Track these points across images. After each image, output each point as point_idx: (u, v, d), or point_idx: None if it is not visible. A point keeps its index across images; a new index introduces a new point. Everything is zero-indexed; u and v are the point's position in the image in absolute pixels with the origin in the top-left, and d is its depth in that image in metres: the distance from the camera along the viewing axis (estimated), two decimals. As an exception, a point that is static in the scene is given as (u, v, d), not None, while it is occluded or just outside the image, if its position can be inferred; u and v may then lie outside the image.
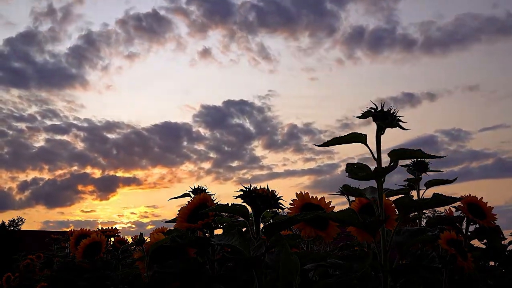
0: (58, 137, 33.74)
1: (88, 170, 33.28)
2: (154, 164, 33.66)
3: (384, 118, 1.23)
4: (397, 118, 1.24)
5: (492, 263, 1.92)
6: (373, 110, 1.24)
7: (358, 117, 1.26)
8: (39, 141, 33.56)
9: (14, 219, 23.31)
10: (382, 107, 1.23)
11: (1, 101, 32.52)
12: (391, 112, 1.23)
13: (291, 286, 1.25)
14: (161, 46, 34.32)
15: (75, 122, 33.84)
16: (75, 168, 32.88)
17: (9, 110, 32.53)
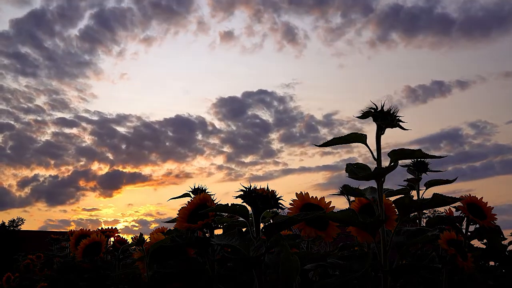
0: (67, 130, 31.52)
1: (95, 166, 31.26)
2: (163, 159, 31.69)
3: (384, 118, 1.23)
4: (397, 118, 1.24)
5: (492, 263, 1.92)
6: (373, 110, 1.24)
7: (358, 117, 1.26)
8: (46, 134, 31.05)
9: (14, 219, 23.31)
10: (382, 107, 1.23)
11: (8, 90, 30.12)
12: (391, 112, 1.23)
13: (291, 286, 1.25)
14: (180, 28, 30.77)
15: (84, 114, 31.45)
16: (81, 163, 30.80)
17: (16, 100, 30.43)
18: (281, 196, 1.32)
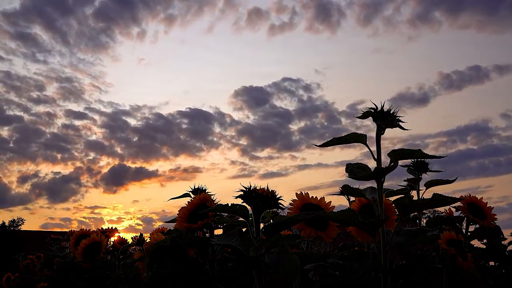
0: (77, 122, 29.85)
1: (103, 161, 29.55)
2: (175, 153, 29.99)
3: (384, 118, 1.23)
4: (397, 118, 1.24)
5: (492, 263, 1.92)
6: (373, 110, 1.24)
7: (358, 117, 1.26)
8: (55, 127, 29.27)
9: (14, 219, 23.29)
10: (382, 107, 1.24)
11: (16, 78, 27.76)
12: (391, 112, 1.23)
13: (291, 286, 1.25)
14: (205, 8, 28.66)
15: (96, 106, 29.61)
16: (88, 158, 28.98)
17: (24, 89, 28.25)
18: (281, 196, 1.32)
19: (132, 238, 2.12)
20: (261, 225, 1.32)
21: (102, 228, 2.77)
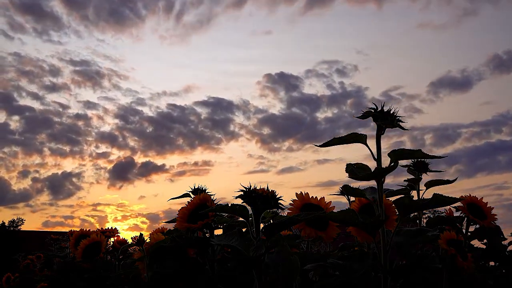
0: (89, 112, 27.62)
1: (113, 155, 27.74)
2: (191, 146, 27.69)
3: (384, 118, 1.23)
4: (397, 118, 1.24)
5: (492, 263, 1.92)
6: (373, 110, 1.24)
7: (358, 117, 1.26)
8: (66, 117, 26.78)
9: (14, 219, 23.26)
10: (382, 107, 1.24)
11: (28, 62, 25.68)
12: (391, 112, 1.23)
13: (291, 286, 1.25)
14: None
15: (111, 94, 27.92)
16: (97, 151, 27.31)
17: (37, 74, 25.86)
18: (281, 196, 1.32)
19: (132, 238, 2.12)
20: (261, 225, 1.32)
21: (102, 228, 2.77)
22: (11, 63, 25.72)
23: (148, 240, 1.87)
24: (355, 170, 1.30)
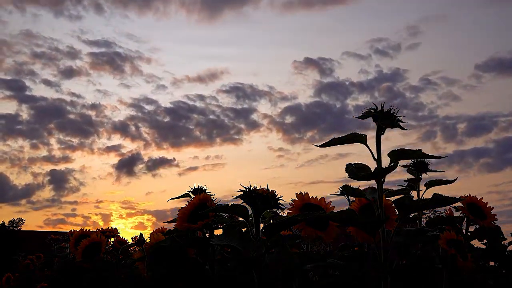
0: (104, 101, 25.48)
1: (124, 149, 25.36)
2: (208, 138, 24.89)
3: (384, 118, 1.23)
4: (397, 118, 1.24)
5: (492, 263, 1.92)
6: (373, 111, 1.24)
7: (358, 117, 1.26)
8: (79, 106, 24.72)
9: (14, 220, 23.20)
10: (382, 107, 1.24)
11: (42, 39, 23.64)
12: (391, 112, 1.23)
13: (291, 286, 1.25)
14: None
15: (129, 81, 25.08)
16: (108, 144, 24.85)
17: (48, 55, 23.09)
18: (281, 196, 1.32)
19: (132, 238, 2.12)
20: (261, 225, 1.32)
21: (102, 228, 2.77)
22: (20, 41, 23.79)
23: (148, 240, 1.87)
24: (355, 170, 1.30)
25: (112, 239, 2.68)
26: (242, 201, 1.31)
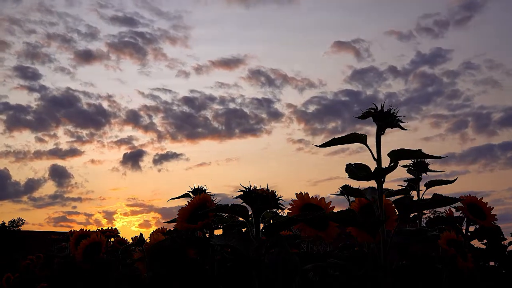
0: (119, 90, 25.97)
1: (136, 141, 24.74)
2: (228, 131, 24.61)
3: (384, 118, 1.23)
4: (397, 118, 1.24)
5: (492, 263, 1.92)
6: (373, 111, 1.24)
7: (358, 117, 1.26)
8: (92, 97, 24.35)
9: (14, 220, 23.21)
10: (382, 107, 1.24)
11: (56, 16, 22.66)
12: (391, 112, 1.23)
13: (291, 286, 1.25)
14: None
15: (147, 68, 24.17)
16: (117, 138, 24.75)
17: (60, 37, 22.48)
18: (281, 196, 1.32)
19: (132, 238, 2.12)
20: (261, 225, 1.32)
21: (102, 228, 2.77)
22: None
23: (148, 240, 1.87)
24: (355, 170, 1.30)
25: (112, 239, 2.68)
26: (242, 201, 1.31)
